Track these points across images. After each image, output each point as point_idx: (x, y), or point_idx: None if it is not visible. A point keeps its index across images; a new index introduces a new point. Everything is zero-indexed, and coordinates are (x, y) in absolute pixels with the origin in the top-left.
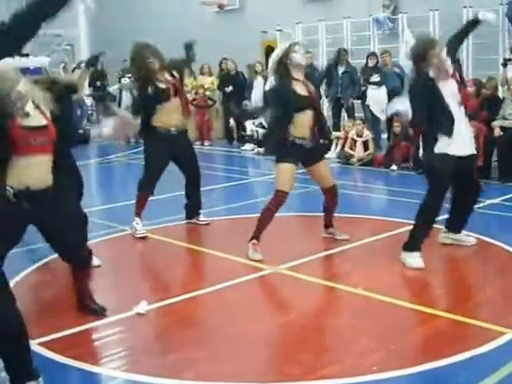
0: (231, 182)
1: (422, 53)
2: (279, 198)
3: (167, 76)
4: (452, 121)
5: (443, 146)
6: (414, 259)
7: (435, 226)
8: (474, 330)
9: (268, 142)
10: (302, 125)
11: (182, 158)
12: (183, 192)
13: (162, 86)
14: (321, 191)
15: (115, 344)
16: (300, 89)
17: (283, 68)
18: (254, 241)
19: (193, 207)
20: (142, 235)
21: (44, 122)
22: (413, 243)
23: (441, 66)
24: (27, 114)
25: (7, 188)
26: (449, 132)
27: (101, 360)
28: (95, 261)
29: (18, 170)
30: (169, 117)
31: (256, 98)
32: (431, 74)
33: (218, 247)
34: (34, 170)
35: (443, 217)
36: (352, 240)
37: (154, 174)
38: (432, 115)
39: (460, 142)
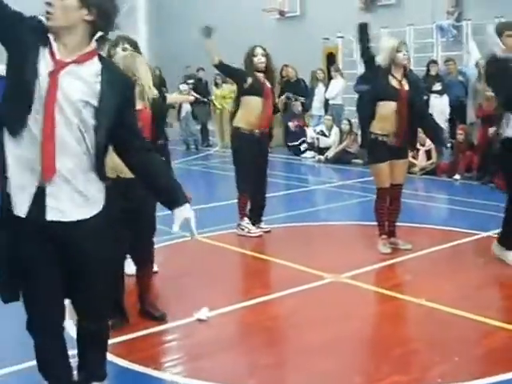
0: (291, 190)
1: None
2: (381, 195)
3: (263, 78)
4: None
5: None
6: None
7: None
8: None
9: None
10: (385, 118)
11: (257, 159)
12: None
13: (260, 79)
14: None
15: (177, 349)
16: (393, 82)
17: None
18: (383, 236)
19: (255, 212)
20: (255, 234)
21: (139, 106)
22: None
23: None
24: None
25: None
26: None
27: (163, 365)
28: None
29: (109, 157)
30: (253, 116)
31: (317, 105)
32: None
33: (278, 254)
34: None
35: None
36: (414, 250)
37: (242, 174)
38: None
39: None
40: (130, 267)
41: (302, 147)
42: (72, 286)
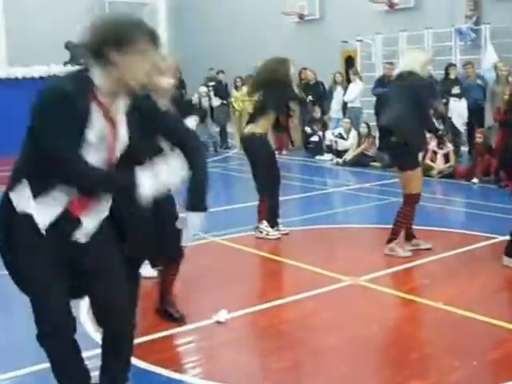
0: (309, 192)
1: None
2: (415, 200)
3: None
4: None
5: None
6: None
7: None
8: None
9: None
10: None
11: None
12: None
13: None
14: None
15: (195, 351)
16: None
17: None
18: (397, 240)
19: (272, 215)
20: (274, 237)
21: None
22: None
23: None
24: None
25: None
26: None
27: (181, 367)
28: None
29: None
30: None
31: (335, 108)
32: None
33: (296, 257)
34: None
35: None
36: (432, 253)
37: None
38: None
39: None
40: (146, 269)
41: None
42: (88, 288)
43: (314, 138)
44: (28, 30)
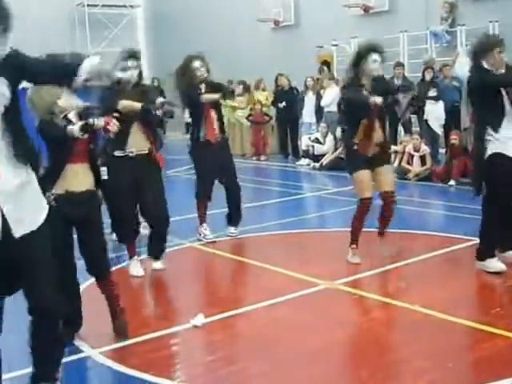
0: (286, 197)
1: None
2: (361, 206)
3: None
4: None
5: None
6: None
7: None
8: None
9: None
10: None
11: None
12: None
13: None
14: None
15: (173, 355)
16: None
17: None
18: (353, 245)
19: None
20: (211, 240)
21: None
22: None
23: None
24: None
25: (47, 193)
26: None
27: (159, 371)
28: (158, 264)
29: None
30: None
31: (308, 113)
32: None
33: (273, 262)
34: (74, 177)
35: None
36: (409, 256)
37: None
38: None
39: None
40: (136, 268)
41: None
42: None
43: None
44: None
